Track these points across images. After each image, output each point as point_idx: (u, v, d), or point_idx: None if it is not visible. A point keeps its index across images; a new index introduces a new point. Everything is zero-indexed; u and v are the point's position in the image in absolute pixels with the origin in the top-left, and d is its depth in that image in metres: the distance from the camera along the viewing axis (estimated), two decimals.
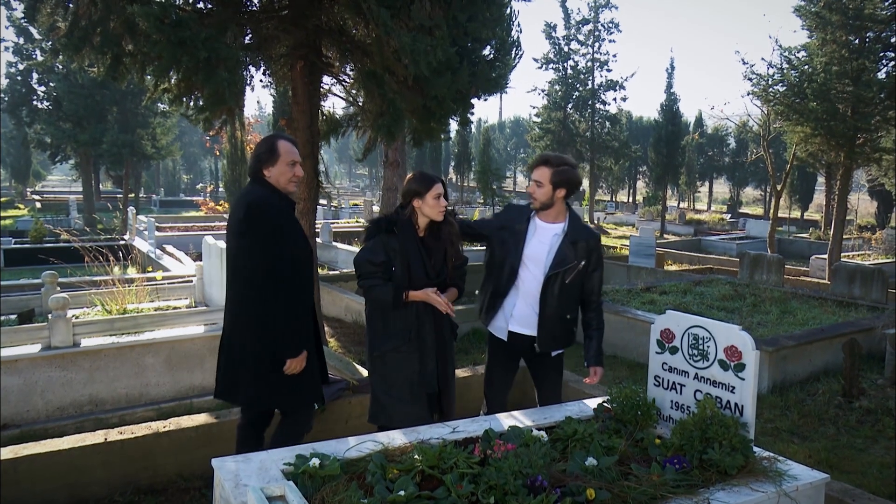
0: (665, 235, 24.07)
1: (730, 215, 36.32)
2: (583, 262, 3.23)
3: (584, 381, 3.84)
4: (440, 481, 2.31)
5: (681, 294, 8.40)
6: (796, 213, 35.96)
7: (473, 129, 42.82)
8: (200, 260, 6.62)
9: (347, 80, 6.60)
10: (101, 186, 35.80)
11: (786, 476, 2.42)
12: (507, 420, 2.93)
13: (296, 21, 5.48)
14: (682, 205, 41.97)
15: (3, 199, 34.18)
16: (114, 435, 3.51)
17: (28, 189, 39.71)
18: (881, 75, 11.51)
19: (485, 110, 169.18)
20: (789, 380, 5.95)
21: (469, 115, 7.35)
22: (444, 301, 3.09)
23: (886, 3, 11.09)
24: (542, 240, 3.27)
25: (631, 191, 48.75)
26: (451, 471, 2.35)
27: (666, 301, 7.88)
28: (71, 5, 4.59)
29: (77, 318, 4.97)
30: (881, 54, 11.91)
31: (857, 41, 11.56)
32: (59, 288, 5.53)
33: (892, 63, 12.07)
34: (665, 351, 2.98)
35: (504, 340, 3.37)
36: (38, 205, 31.59)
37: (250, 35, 5.96)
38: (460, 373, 4.57)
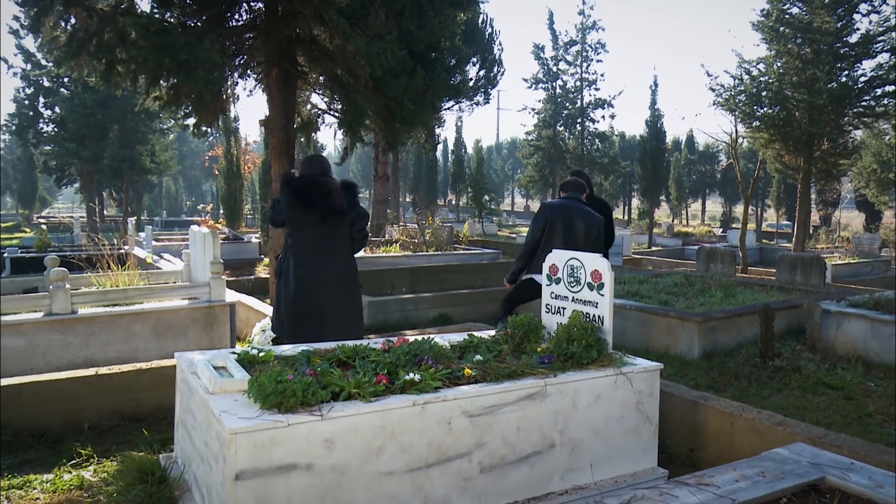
0: (653, 247, 24.68)
1: (722, 230, 37.01)
2: None
3: None
4: (352, 366, 2.95)
5: (637, 283, 9.02)
6: (789, 228, 36.67)
7: (470, 150, 43.74)
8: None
9: (321, 87, 7.36)
10: (105, 211, 36.83)
11: (627, 364, 3.06)
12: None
13: (269, 32, 6.24)
14: (675, 221, 42.72)
15: (9, 224, 35.05)
16: (103, 370, 4.16)
17: (34, 214, 40.69)
18: (833, 85, 12.27)
19: (482, 131, 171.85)
20: (719, 348, 6.54)
21: (433, 119, 8.08)
22: None
23: (833, 17, 11.90)
24: None
25: (626, 207, 49.52)
26: (363, 359, 3.00)
27: (621, 289, 8.50)
28: (71, 19, 5.34)
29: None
30: (836, 65, 12.68)
31: (809, 52, 12.34)
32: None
33: (846, 73, 12.84)
34: (552, 283, 3.63)
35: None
36: (44, 227, 32.46)
37: (233, 46, 6.73)
38: None
